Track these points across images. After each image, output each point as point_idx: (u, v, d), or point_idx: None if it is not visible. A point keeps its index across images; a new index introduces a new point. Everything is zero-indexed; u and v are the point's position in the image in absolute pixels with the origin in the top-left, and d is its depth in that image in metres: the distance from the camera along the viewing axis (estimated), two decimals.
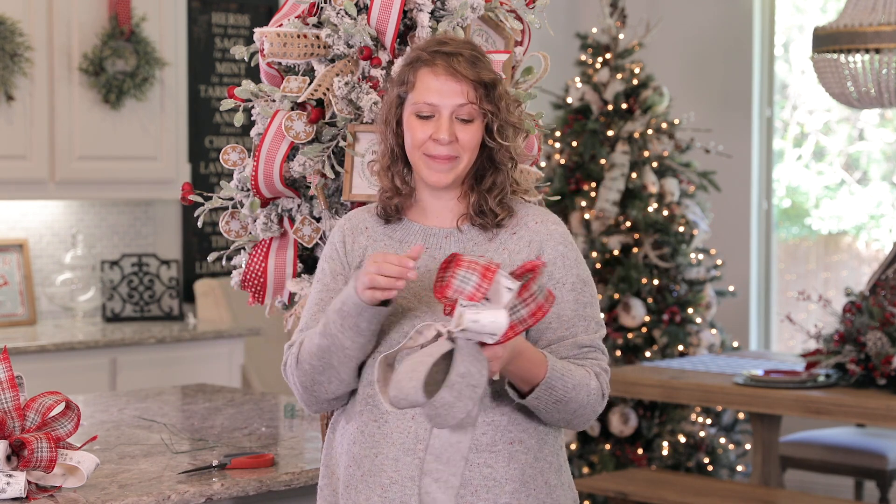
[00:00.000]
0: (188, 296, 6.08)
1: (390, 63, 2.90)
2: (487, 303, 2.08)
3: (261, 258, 2.98)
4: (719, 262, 6.29)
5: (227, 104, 2.99)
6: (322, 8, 2.97)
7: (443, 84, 2.29)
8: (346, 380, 2.33)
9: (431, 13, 2.89)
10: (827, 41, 5.08)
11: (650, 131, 6.13)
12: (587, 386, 2.29)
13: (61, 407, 2.52)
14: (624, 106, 6.18)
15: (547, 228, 2.37)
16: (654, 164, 6.15)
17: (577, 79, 6.32)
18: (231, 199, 3.02)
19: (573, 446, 6.02)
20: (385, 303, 2.25)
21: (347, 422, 2.36)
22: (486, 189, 2.35)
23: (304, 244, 2.94)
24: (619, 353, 6.03)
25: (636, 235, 6.05)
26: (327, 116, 2.89)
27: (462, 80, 2.28)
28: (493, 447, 2.28)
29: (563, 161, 6.23)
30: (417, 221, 2.40)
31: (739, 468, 6.08)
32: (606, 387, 2.34)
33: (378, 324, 2.28)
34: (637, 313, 5.97)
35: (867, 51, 5.00)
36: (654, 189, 6.11)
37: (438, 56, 2.30)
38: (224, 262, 3.12)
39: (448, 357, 2.08)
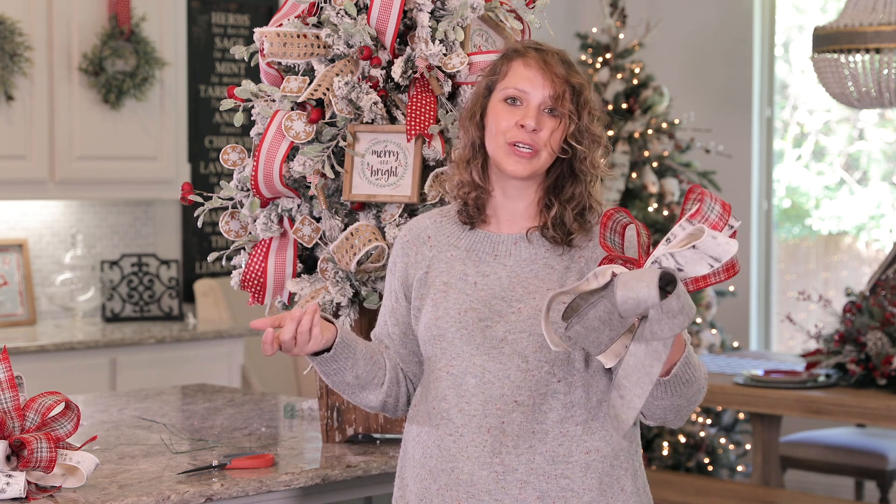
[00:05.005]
0: (188, 296, 6.08)
1: (390, 63, 2.91)
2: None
3: (261, 258, 2.98)
4: None
5: (227, 104, 2.99)
6: (322, 8, 2.97)
7: (534, 75, 2.31)
8: (377, 386, 2.43)
9: (431, 13, 2.89)
10: (827, 41, 5.08)
11: (650, 131, 6.13)
12: (704, 367, 2.29)
13: (61, 407, 2.52)
14: (624, 106, 6.18)
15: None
16: (654, 164, 6.15)
17: None
18: (231, 199, 3.02)
19: None
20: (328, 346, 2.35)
21: (420, 435, 2.37)
22: (566, 199, 2.34)
23: (304, 244, 2.94)
24: None
25: None
26: (327, 116, 2.89)
27: (552, 75, 2.30)
28: (569, 458, 2.28)
29: None
30: (485, 229, 2.39)
31: (739, 468, 6.08)
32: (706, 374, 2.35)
33: (344, 359, 2.36)
34: None
35: (867, 51, 5.00)
36: (654, 189, 6.11)
37: (532, 50, 2.33)
38: (224, 262, 3.12)
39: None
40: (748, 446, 6.18)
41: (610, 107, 6.19)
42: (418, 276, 2.39)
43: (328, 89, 2.88)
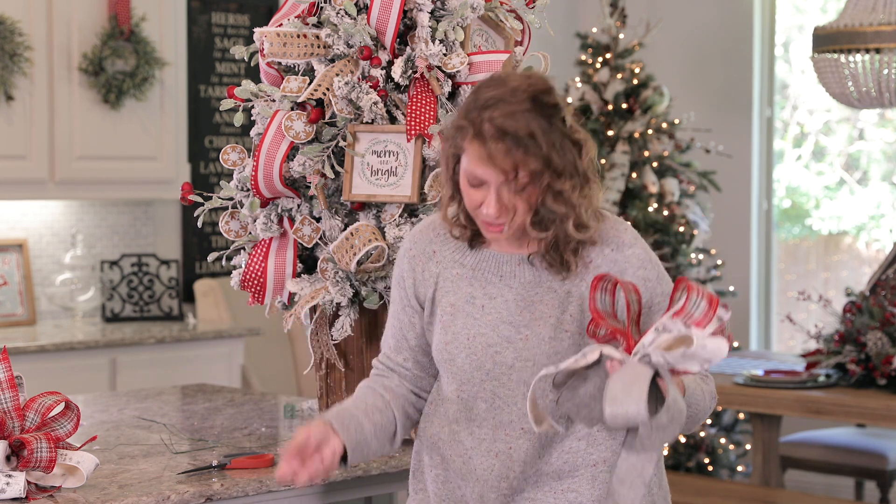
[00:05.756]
0: (188, 296, 6.08)
1: (390, 63, 2.91)
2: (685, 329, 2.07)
3: (261, 258, 2.98)
4: (719, 262, 6.29)
5: (227, 104, 2.99)
6: (322, 8, 2.98)
7: (486, 163, 2.17)
8: (392, 438, 2.41)
9: (431, 13, 2.89)
10: (827, 41, 5.08)
11: (650, 131, 6.13)
12: (707, 392, 2.29)
13: (61, 407, 2.52)
14: (624, 106, 6.17)
15: (624, 255, 2.28)
16: (654, 164, 6.15)
17: (577, 79, 6.32)
18: (231, 199, 3.02)
19: None
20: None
21: (431, 456, 2.38)
22: (552, 241, 2.25)
23: (304, 244, 2.94)
24: None
25: None
26: (327, 116, 2.90)
27: (499, 165, 2.16)
28: (575, 472, 2.28)
29: None
30: (490, 247, 2.34)
31: (739, 468, 6.08)
32: (714, 388, 2.34)
33: (360, 457, 2.33)
34: None
35: (867, 51, 5.00)
36: (654, 189, 6.11)
37: (481, 129, 2.17)
38: (224, 262, 3.12)
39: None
40: (748, 446, 6.18)
41: (610, 107, 6.19)
42: (428, 295, 2.37)
43: (328, 89, 2.88)
